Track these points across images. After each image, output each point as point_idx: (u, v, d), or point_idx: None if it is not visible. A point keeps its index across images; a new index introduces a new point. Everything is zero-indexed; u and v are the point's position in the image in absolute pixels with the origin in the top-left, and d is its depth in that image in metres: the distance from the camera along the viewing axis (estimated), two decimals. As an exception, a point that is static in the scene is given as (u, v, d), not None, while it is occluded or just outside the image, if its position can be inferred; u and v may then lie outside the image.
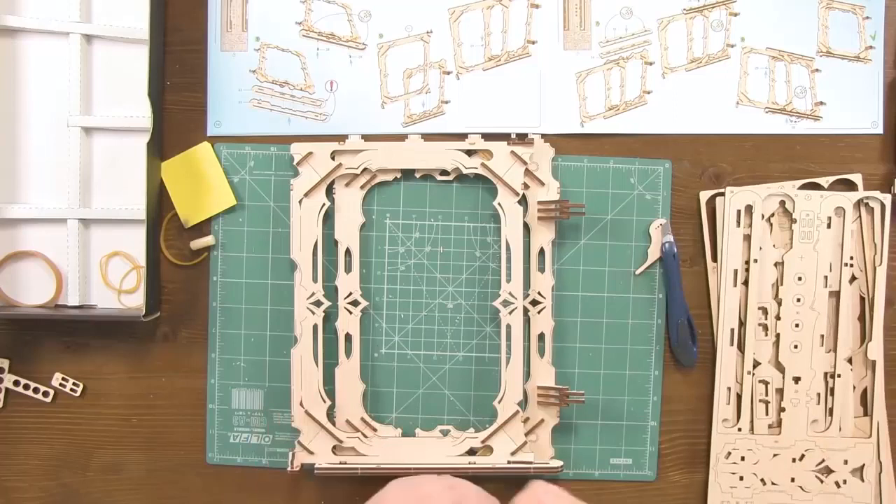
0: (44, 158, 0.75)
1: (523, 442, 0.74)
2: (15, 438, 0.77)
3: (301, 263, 0.73)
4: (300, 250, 0.73)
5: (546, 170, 0.75)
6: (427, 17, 0.76)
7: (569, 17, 0.77)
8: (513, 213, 0.74)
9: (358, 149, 0.73)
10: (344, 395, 0.73)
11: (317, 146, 0.73)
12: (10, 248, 0.75)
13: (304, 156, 0.72)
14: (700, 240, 0.77)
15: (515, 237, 0.74)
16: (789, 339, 0.76)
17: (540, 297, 0.75)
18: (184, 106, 0.76)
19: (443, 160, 0.74)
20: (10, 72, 0.74)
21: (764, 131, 0.77)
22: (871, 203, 0.76)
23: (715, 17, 0.77)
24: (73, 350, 0.76)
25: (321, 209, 0.73)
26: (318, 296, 0.73)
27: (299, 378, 0.72)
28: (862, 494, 0.77)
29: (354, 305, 0.74)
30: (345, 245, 0.74)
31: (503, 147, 0.73)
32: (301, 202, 0.72)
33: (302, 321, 0.73)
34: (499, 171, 0.73)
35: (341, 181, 0.73)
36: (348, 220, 0.74)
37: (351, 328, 0.74)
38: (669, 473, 0.78)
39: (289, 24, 0.76)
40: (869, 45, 0.77)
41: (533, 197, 0.74)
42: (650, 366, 0.77)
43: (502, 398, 0.74)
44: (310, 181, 0.72)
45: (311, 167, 0.72)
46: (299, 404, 0.72)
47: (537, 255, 0.75)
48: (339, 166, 0.72)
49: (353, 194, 0.74)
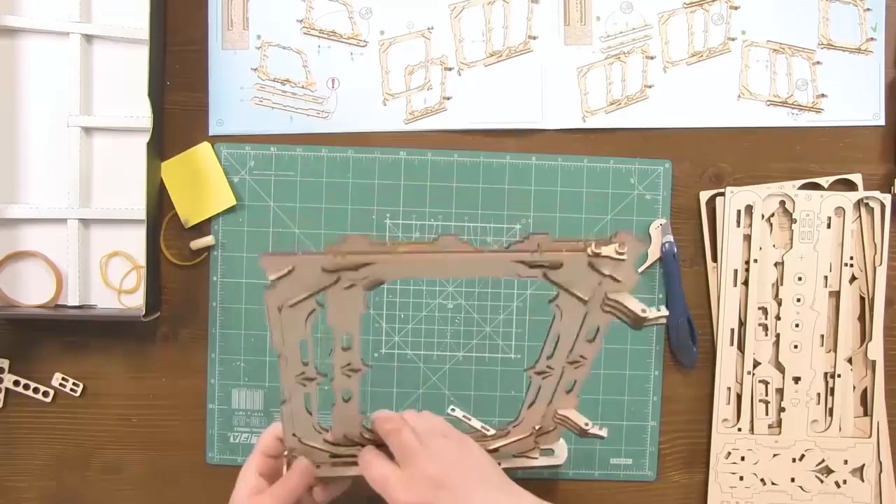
0: (44, 158, 0.75)
1: (531, 448, 0.71)
2: (15, 438, 0.77)
3: (286, 353, 0.56)
4: (283, 344, 0.56)
5: (628, 267, 0.53)
6: (428, 13, 0.76)
7: (569, 12, 0.77)
8: (572, 311, 0.57)
9: (361, 262, 0.50)
10: (340, 423, 0.64)
11: (301, 262, 0.50)
12: (10, 248, 0.75)
13: (282, 274, 0.50)
14: (700, 240, 0.77)
15: (569, 329, 0.59)
16: (789, 339, 0.76)
17: (581, 359, 0.62)
18: (184, 106, 0.76)
19: (494, 270, 0.54)
20: (10, 72, 0.74)
21: (765, 124, 0.77)
22: (871, 203, 0.76)
23: (715, 10, 0.77)
24: (73, 350, 0.76)
25: (309, 315, 0.54)
26: (310, 373, 0.59)
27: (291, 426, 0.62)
28: (862, 494, 0.77)
29: (354, 371, 0.60)
30: (342, 331, 0.56)
31: (579, 259, 0.52)
32: (281, 310, 0.53)
33: (291, 390, 0.59)
34: (565, 281, 0.54)
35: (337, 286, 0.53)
36: (346, 314, 0.55)
37: (349, 386, 0.61)
38: (669, 473, 0.78)
39: (290, 21, 0.76)
40: (870, 36, 0.77)
41: (602, 288, 0.55)
42: (650, 366, 0.77)
43: (518, 425, 0.68)
44: (292, 293, 0.52)
45: (293, 281, 0.51)
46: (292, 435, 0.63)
47: (588, 328, 0.59)
48: (337, 282, 0.52)
49: (354, 295, 0.53)
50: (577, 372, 0.64)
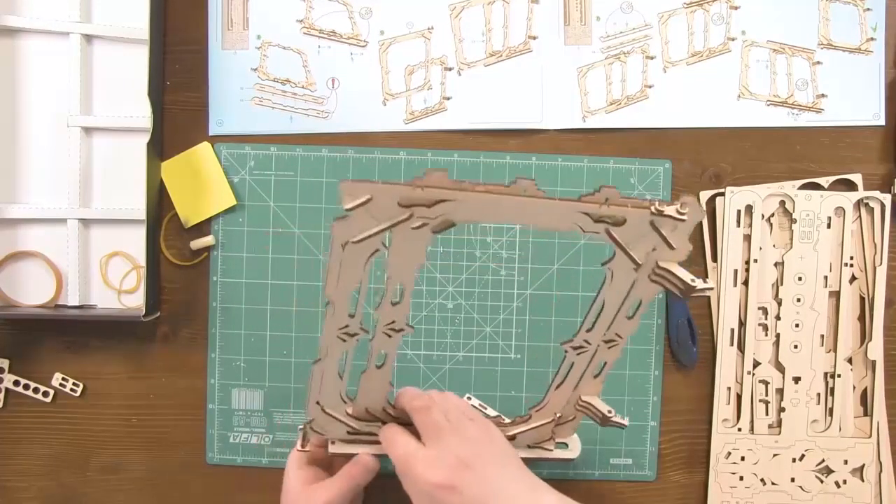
0: (44, 158, 0.75)
1: (549, 437, 0.70)
2: (15, 438, 0.77)
3: (336, 301, 0.57)
4: (336, 288, 0.56)
5: (683, 233, 0.55)
6: (428, 13, 0.76)
7: (569, 12, 0.77)
8: (623, 277, 0.58)
9: (438, 198, 0.52)
10: (367, 393, 0.64)
11: (380, 191, 0.51)
12: (10, 248, 0.75)
13: (359, 202, 0.51)
14: (700, 240, 0.77)
15: (615, 298, 0.59)
16: (789, 339, 0.76)
17: (617, 338, 0.63)
18: (184, 106, 0.76)
19: (556, 220, 0.54)
20: (10, 72, 0.74)
21: (765, 124, 0.77)
22: (871, 203, 0.76)
23: (715, 10, 0.77)
24: (73, 350, 0.76)
25: (371, 255, 0.55)
26: (354, 328, 0.59)
27: (318, 388, 0.63)
28: (862, 494, 0.77)
29: (396, 331, 0.61)
30: (396, 281, 0.57)
31: (642, 216, 0.54)
32: (345, 246, 0.54)
33: (329, 346, 0.60)
34: (625, 240, 0.55)
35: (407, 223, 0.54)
36: (406, 260, 0.55)
37: (387, 348, 0.62)
38: (669, 473, 0.78)
39: (290, 21, 0.76)
40: (870, 36, 0.77)
41: (653, 255, 0.56)
42: (650, 366, 0.77)
43: (541, 409, 0.68)
44: (362, 227, 0.53)
45: (367, 212, 0.52)
46: (316, 403, 0.64)
47: (631, 303, 0.60)
48: (409, 218, 0.52)
49: (420, 236, 0.54)
50: (610, 353, 0.64)
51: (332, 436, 0.67)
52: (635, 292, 0.59)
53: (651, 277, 0.58)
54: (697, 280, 0.56)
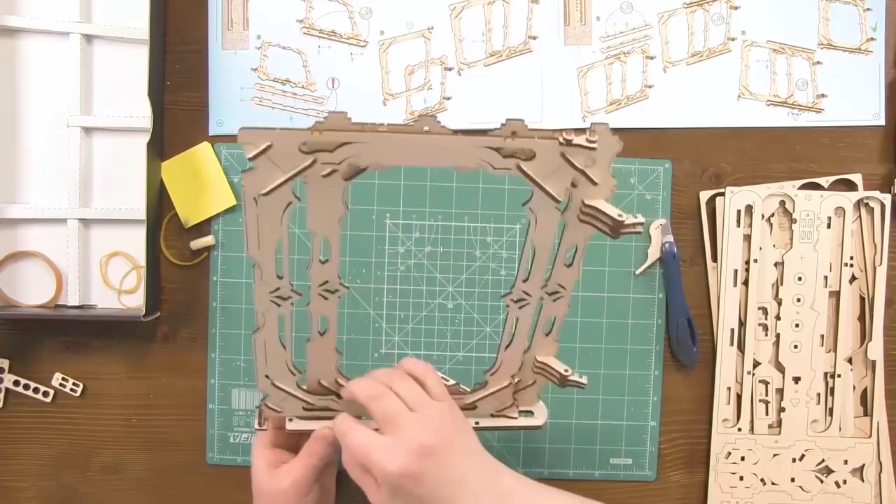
0: (44, 158, 0.75)
1: (511, 403, 0.69)
2: (15, 438, 0.77)
3: (261, 261, 0.56)
4: (259, 248, 0.56)
5: (604, 166, 0.54)
6: (428, 13, 0.76)
7: (569, 12, 0.77)
8: (547, 219, 0.57)
9: (340, 141, 0.51)
10: (315, 364, 0.63)
11: (280, 136, 0.50)
12: (10, 248, 0.75)
13: (260, 150, 0.51)
14: (700, 240, 0.77)
15: (545, 243, 0.58)
16: (789, 339, 0.76)
17: (560, 289, 0.62)
18: (184, 106, 0.76)
19: (464, 157, 0.53)
20: (10, 72, 0.74)
21: (765, 124, 0.77)
22: (871, 203, 0.76)
23: (715, 10, 0.77)
24: (73, 350, 0.76)
25: (286, 208, 0.54)
26: (285, 290, 0.58)
27: (263, 359, 0.62)
28: (862, 494, 0.77)
29: (331, 292, 0.59)
30: (321, 235, 0.56)
31: (551, 147, 0.53)
32: (257, 200, 0.53)
33: (264, 312, 0.59)
34: (539, 175, 0.54)
35: (315, 172, 0.53)
36: (325, 212, 0.55)
37: (326, 311, 0.60)
38: (669, 473, 0.78)
39: (290, 21, 0.76)
40: (870, 36, 0.77)
41: (578, 194, 0.56)
42: (650, 366, 0.77)
43: (495, 372, 0.67)
44: (270, 179, 0.52)
45: (270, 161, 0.51)
46: (265, 377, 0.63)
47: (566, 250, 0.60)
48: (314, 164, 0.52)
49: (332, 185, 0.53)
50: (556, 307, 0.63)
51: (288, 413, 0.65)
52: (568, 237, 0.58)
53: (580, 217, 0.57)
54: (626, 215, 0.55)
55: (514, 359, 0.66)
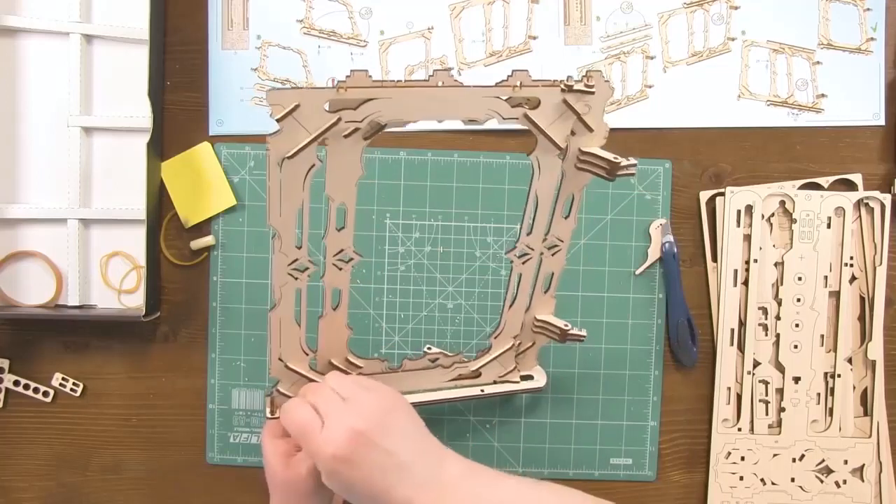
0: (44, 158, 0.75)
1: (513, 367, 0.71)
2: (15, 438, 0.77)
3: (282, 230, 0.59)
4: (280, 216, 0.58)
5: (598, 112, 0.58)
6: (428, 13, 0.76)
7: (569, 12, 0.77)
8: (549, 167, 0.60)
9: (363, 98, 0.54)
10: (327, 341, 0.65)
11: (307, 96, 0.53)
12: (10, 248, 0.75)
13: (288, 110, 0.53)
14: (700, 240, 0.77)
15: (547, 192, 0.62)
16: (789, 339, 0.76)
17: (558, 242, 0.65)
18: (184, 106, 0.76)
19: (476, 109, 0.56)
20: (10, 72, 0.74)
21: (765, 124, 0.77)
22: (871, 203, 0.76)
23: (715, 10, 0.77)
24: (73, 350, 0.76)
25: (309, 171, 0.57)
26: (303, 261, 0.60)
27: (278, 338, 0.63)
28: (862, 494, 0.77)
29: (345, 262, 0.62)
30: (338, 201, 0.59)
31: (554, 95, 0.56)
32: (282, 164, 0.55)
33: (282, 286, 0.61)
34: (543, 122, 0.58)
35: (338, 132, 0.56)
36: (344, 175, 0.58)
37: (339, 283, 0.62)
38: (669, 473, 0.78)
39: (290, 21, 0.76)
40: (870, 36, 0.77)
41: (575, 142, 0.60)
42: (650, 366, 0.77)
43: (499, 334, 0.69)
44: (296, 141, 0.54)
45: (296, 122, 0.54)
46: (278, 359, 0.64)
47: (564, 200, 0.63)
48: (338, 122, 0.54)
49: (353, 146, 0.56)
50: (554, 261, 0.66)
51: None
52: (566, 186, 0.62)
53: (577, 165, 0.61)
54: (620, 158, 0.59)
55: (516, 320, 0.68)
